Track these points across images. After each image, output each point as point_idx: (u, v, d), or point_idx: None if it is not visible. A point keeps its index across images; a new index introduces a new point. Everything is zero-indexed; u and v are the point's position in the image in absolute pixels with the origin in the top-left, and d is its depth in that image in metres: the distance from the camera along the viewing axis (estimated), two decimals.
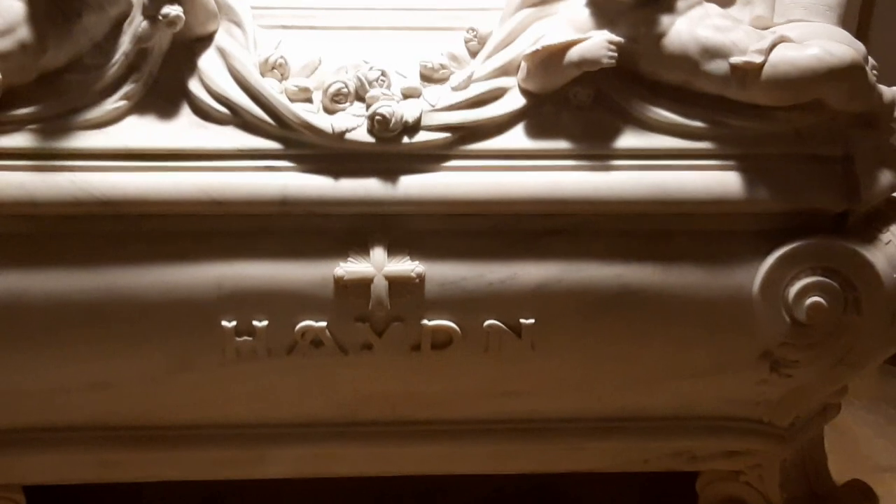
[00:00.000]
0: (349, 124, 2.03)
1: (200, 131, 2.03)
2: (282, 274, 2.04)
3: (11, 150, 1.98)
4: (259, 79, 2.03)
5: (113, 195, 1.99)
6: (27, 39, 1.96)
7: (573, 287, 2.07)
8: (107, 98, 2.01)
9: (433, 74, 2.09)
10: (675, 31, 2.04)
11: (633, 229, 2.08)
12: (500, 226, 2.07)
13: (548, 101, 2.07)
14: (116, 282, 2.02)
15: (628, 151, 2.06)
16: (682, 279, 2.08)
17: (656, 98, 2.07)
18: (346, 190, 2.03)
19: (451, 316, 2.07)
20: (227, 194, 2.01)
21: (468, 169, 2.05)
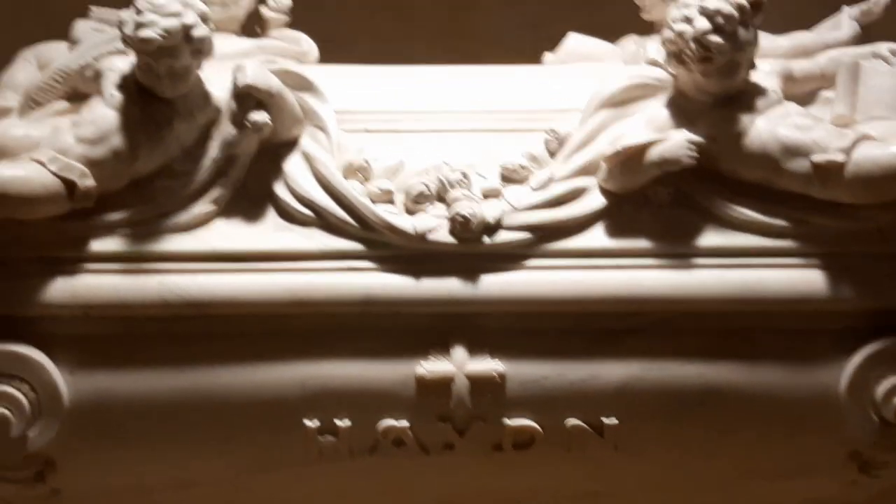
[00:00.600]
0: (431, 225, 2.06)
1: (285, 233, 2.07)
2: (364, 373, 2.05)
3: (104, 253, 2.03)
4: (342, 181, 2.07)
5: (200, 297, 2.03)
6: (120, 147, 2.02)
7: (655, 386, 2.06)
8: (195, 202, 2.07)
9: (513, 175, 2.11)
10: (755, 130, 2.05)
11: (715, 328, 2.06)
12: (581, 324, 2.07)
13: (628, 201, 2.09)
14: (202, 381, 2.05)
15: (709, 250, 2.06)
16: (765, 378, 2.06)
17: (737, 196, 2.07)
18: (427, 290, 2.05)
19: (533, 415, 2.07)
20: (311, 295, 2.04)
21: (549, 268, 2.06)
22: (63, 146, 2.01)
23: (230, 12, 2.41)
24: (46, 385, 2.02)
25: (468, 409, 2.05)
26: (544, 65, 2.49)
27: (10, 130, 2.07)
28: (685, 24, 2.01)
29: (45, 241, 2.03)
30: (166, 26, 1.97)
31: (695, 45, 2.00)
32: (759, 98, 2.07)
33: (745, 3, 2.01)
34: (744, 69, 2.05)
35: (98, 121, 2.03)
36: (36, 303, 2.02)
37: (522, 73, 2.37)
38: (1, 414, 2.00)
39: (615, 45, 2.47)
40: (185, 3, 2.01)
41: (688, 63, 2.02)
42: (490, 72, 2.35)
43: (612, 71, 2.21)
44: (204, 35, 2.01)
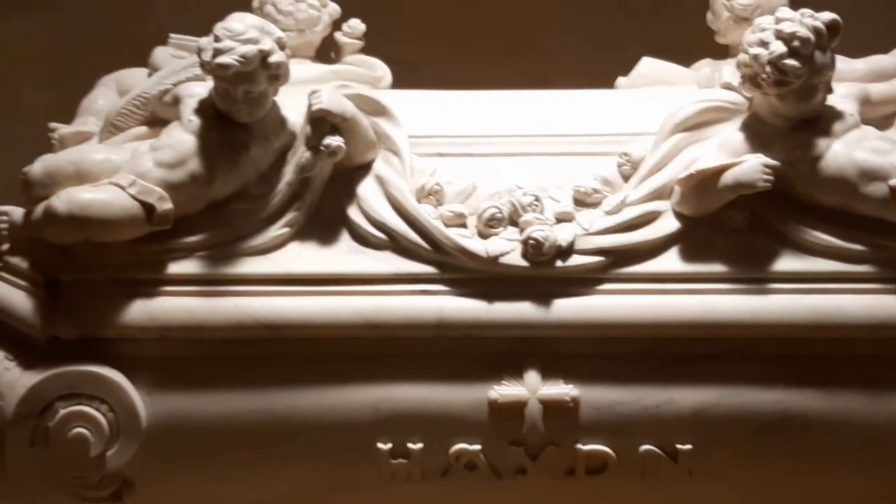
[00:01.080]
0: (503, 248, 2.06)
1: (359, 256, 2.09)
2: (437, 396, 2.06)
3: (180, 276, 2.07)
4: (415, 205, 2.09)
5: (275, 319, 2.05)
6: (197, 171, 2.05)
7: (731, 412, 2.04)
8: (270, 225, 2.09)
9: (586, 199, 2.11)
10: (832, 153, 2.03)
11: (792, 353, 2.04)
12: (655, 349, 2.06)
13: (702, 225, 2.07)
14: (277, 403, 2.06)
15: (785, 275, 2.04)
16: (843, 405, 2.04)
17: (813, 221, 2.05)
18: (500, 313, 2.05)
19: (607, 440, 2.06)
20: (384, 318, 2.05)
21: (622, 292, 2.05)
22: (142, 170, 2.05)
23: (306, 38, 2.44)
24: (125, 406, 2.05)
25: (541, 434, 2.04)
26: (617, 88, 2.48)
27: (91, 155, 2.11)
28: (761, 47, 1.99)
29: (123, 264, 2.07)
30: (244, 52, 2.00)
31: (770, 69, 1.98)
32: (835, 122, 2.05)
33: (822, 27, 1.99)
34: (820, 93, 2.03)
35: (176, 145, 2.06)
36: (115, 324, 2.05)
37: (595, 96, 2.36)
38: (80, 434, 2.04)
39: (689, 69, 2.46)
40: (263, 29, 2.04)
41: (763, 87, 2.01)
42: (562, 96, 2.35)
43: (687, 94, 2.19)
44: (280, 61, 2.04)
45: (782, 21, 2.00)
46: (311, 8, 2.43)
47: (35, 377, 2.06)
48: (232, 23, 2.03)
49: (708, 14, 2.49)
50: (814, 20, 2.00)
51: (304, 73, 2.29)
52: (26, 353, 2.10)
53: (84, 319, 2.06)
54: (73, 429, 2.04)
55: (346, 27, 2.48)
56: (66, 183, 2.04)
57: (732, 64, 2.15)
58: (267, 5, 2.41)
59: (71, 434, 2.04)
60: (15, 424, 2.06)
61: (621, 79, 2.50)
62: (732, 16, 2.42)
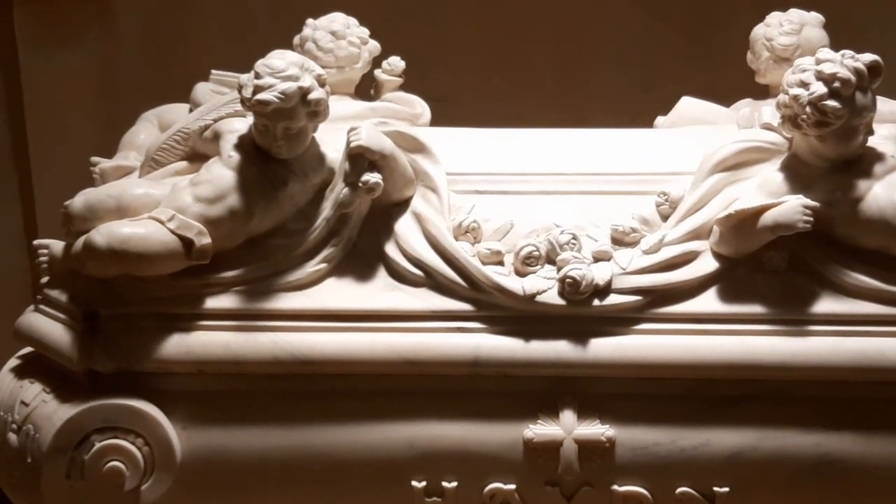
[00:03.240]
0: (540, 287, 2.06)
1: (395, 293, 2.09)
2: (472, 435, 2.05)
3: (218, 310, 2.07)
4: (452, 242, 2.08)
5: (311, 355, 2.05)
6: (236, 206, 2.06)
7: (770, 455, 2.01)
8: (308, 261, 2.09)
9: (624, 238, 2.10)
10: (872, 195, 2.01)
11: (832, 397, 2.02)
12: (692, 390, 2.04)
13: (741, 265, 2.06)
14: (312, 439, 2.06)
15: (826, 317, 2.02)
16: (884, 450, 2.01)
17: (854, 263, 2.03)
18: (536, 352, 2.04)
19: (643, 482, 2.04)
20: (420, 355, 2.05)
21: (660, 332, 2.04)
22: (181, 205, 2.06)
23: (345, 75, 2.46)
24: (160, 440, 2.06)
25: (576, 474, 2.03)
26: (656, 127, 2.48)
27: (132, 189, 2.13)
28: (801, 88, 1.98)
29: (161, 298, 2.08)
30: (283, 89, 2.01)
31: (811, 110, 1.97)
32: (876, 163, 2.03)
33: (863, 68, 1.98)
34: (861, 134, 2.01)
35: (216, 181, 2.08)
36: (152, 358, 2.06)
37: (634, 135, 2.36)
38: (115, 467, 2.05)
39: (729, 109, 2.45)
40: (303, 66, 2.05)
41: (804, 128, 2.00)
42: (601, 134, 2.35)
43: (726, 134, 2.18)
44: (320, 98, 2.05)
45: (823, 62, 1.99)
46: (351, 45, 2.44)
47: (72, 410, 2.07)
48: (272, 60, 2.05)
49: (748, 54, 2.49)
50: (855, 61, 1.99)
51: (343, 110, 2.31)
52: (63, 385, 2.12)
53: (121, 353, 2.07)
54: (108, 462, 2.05)
55: (385, 64, 2.50)
56: (107, 217, 2.06)
57: (772, 104, 2.13)
58: (308, 43, 2.43)
59: (106, 467, 2.05)
60: (51, 457, 2.06)
61: (660, 118, 2.50)
62: (773, 56, 2.42)
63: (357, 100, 2.48)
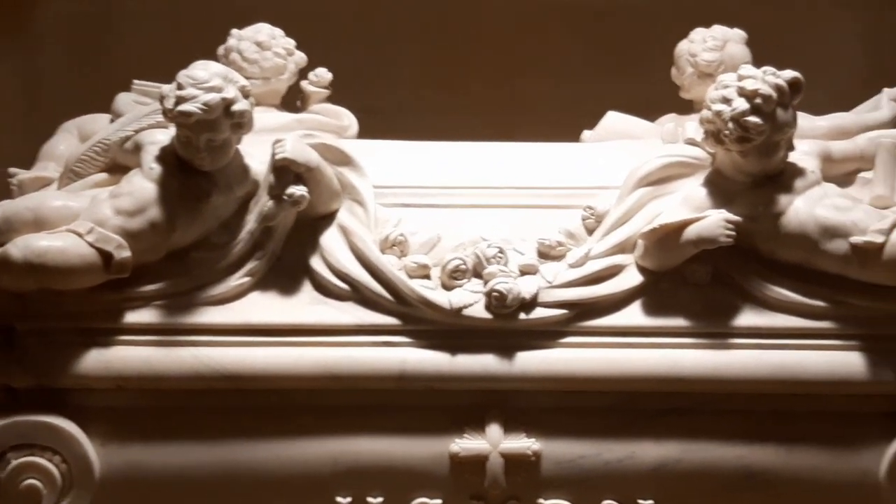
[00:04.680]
0: (467, 300, 2.05)
1: (321, 307, 2.07)
2: (398, 450, 2.04)
3: (138, 325, 2.04)
4: (379, 255, 2.07)
5: (234, 370, 2.02)
6: (158, 219, 2.03)
7: (693, 468, 2.03)
8: (231, 275, 2.07)
9: (550, 251, 2.10)
10: (793, 210, 2.04)
11: (754, 409, 2.04)
12: (617, 403, 2.05)
13: (665, 279, 2.07)
14: (234, 456, 2.04)
15: (748, 330, 2.04)
16: (806, 461, 2.03)
17: (775, 276, 2.06)
18: (463, 366, 2.04)
19: (568, 495, 2.04)
20: (346, 369, 2.03)
21: (585, 346, 2.05)
22: (101, 218, 2.03)
23: (271, 86, 2.44)
24: (78, 457, 2.02)
25: (502, 488, 2.03)
26: (583, 142, 2.49)
27: (50, 201, 2.09)
28: (724, 104, 2.01)
29: (80, 312, 2.04)
30: (206, 100, 1.99)
31: (733, 126, 1.99)
32: (797, 178, 2.06)
33: (784, 84, 2.01)
34: (782, 150, 2.04)
35: (137, 193, 2.05)
36: (70, 374, 2.03)
37: (561, 149, 2.37)
38: (32, 485, 2.01)
39: (654, 124, 2.47)
40: (226, 77, 2.03)
41: (726, 143, 2.02)
42: (528, 148, 2.36)
43: (651, 149, 2.20)
44: (244, 109, 2.03)
45: (745, 78, 2.01)
46: (276, 56, 2.42)
47: None
48: (195, 70, 2.02)
49: (673, 69, 2.51)
50: (776, 78, 2.01)
51: (268, 122, 2.29)
52: None
53: (38, 368, 2.03)
54: (25, 480, 2.01)
55: (312, 76, 2.48)
56: (24, 229, 2.03)
57: (696, 119, 2.15)
58: (232, 53, 2.41)
59: (23, 485, 2.01)
60: None
61: (587, 132, 2.51)
62: (696, 71, 2.44)
63: (283, 111, 2.46)
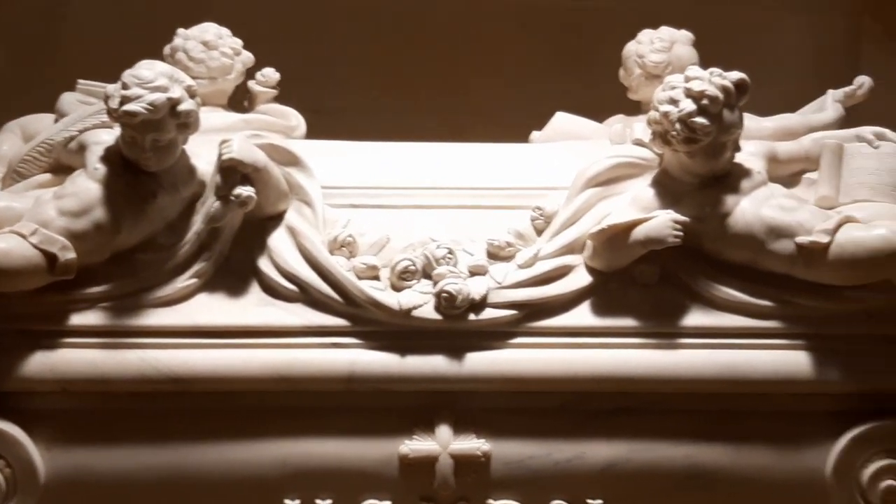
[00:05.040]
0: (416, 301, 2.05)
1: (269, 308, 2.06)
2: (347, 452, 2.03)
3: (83, 327, 2.02)
4: (327, 256, 2.06)
5: (181, 372, 2.01)
6: (103, 220, 2.01)
7: (642, 467, 2.04)
8: (178, 276, 2.06)
9: (500, 252, 2.10)
10: (740, 210, 2.05)
11: (702, 409, 2.05)
12: (567, 404, 2.05)
13: (614, 279, 2.08)
14: (182, 458, 2.02)
15: (696, 330, 2.06)
16: (753, 460, 2.05)
17: (723, 276, 2.07)
18: (412, 367, 2.04)
19: (518, 496, 2.04)
20: (294, 371, 2.02)
21: (535, 346, 2.05)
22: (45, 219, 2.00)
23: (218, 86, 2.42)
24: (22, 461, 1.99)
25: (452, 489, 2.03)
26: (531, 143, 2.50)
27: None
28: (671, 105, 2.02)
29: (23, 314, 2.02)
30: (152, 100, 1.97)
31: (680, 127, 2.00)
32: (744, 179, 2.07)
33: (730, 86, 2.02)
34: (729, 150, 2.05)
35: (81, 194, 2.02)
36: (13, 377, 2.00)
37: (510, 150, 2.37)
38: None
39: (602, 125, 2.48)
40: (172, 77, 2.01)
41: (673, 144, 2.03)
42: (477, 149, 2.36)
43: (599, 150, 2.21)
44: (190, 109, 2.01)
45: (692, 80, 2.02)
46: (223, 56, 2.41)
47: None
48: (140, 70, 2.00)
49: (621, 70, 2.53)
50: (722, 79, 2.03)
51: (215, 122, 2.27)
52: None
53: None
54: None
55: (259, 76, 2.47)
56: None
57: (644, 120, 2.17)
58: (178, 53, 2.39)
59: None
60: None
61: (536, 133, 2.52)
62: (644, 73, 2.46)
63: (230, 111, 2.44)
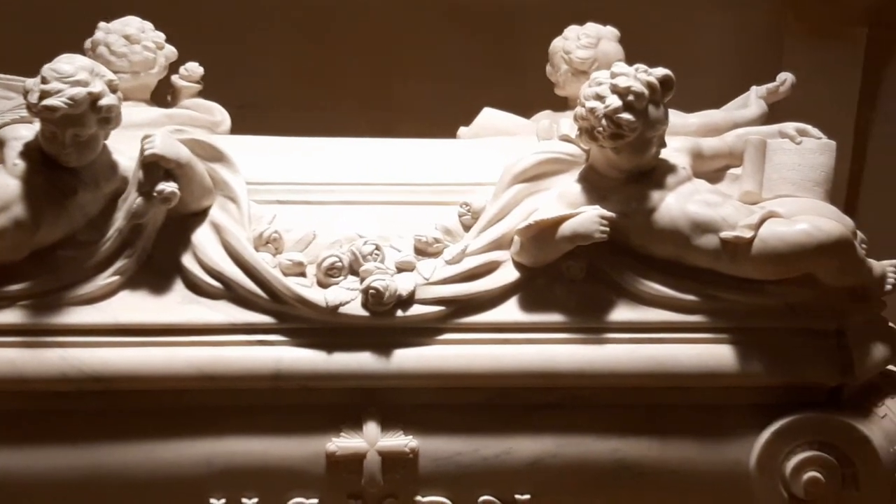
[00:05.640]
0: (343, 298, 2.03)
1: (193, 306, 2.04)
2: (273, 450, 2.01)
3: (2, 326, 1.98)
4: (253, 253, 2.04)
5: (103, 371, 1.97)
6: (21, 217, 1.97)
7: (569, 462, 2.05)
8: (99, 274, 2.02)
9: (427, 248, 2.10)
10: (665, 206, 2.07)
11: (628, 403, 2.07)
12: (494, 399, 2.05)
13: (541, 275, 2.09)
14: (105, 458, 1.99)
15: (621, 325, 2.07)
16: (678, 453, 2.06)
17: (649, 271, 2.08)
18: (339, 364, 2.02)
19: (446, 492, 2.04)
20: (219, 369, 2.00)
21: (462, 342, 2.05)
22: None
23: (140, 81, 2.39)
24: None
25: (380, 486, 2.02)
26: (459, 138, 2.50)
27: None
28: (597, 101, 2.03)
29: None
30: (72, 95, 1.93)
31: (606, 122, 2.01)
32: (669, 175, 2.09)
33: (655, 82, 2.03)
34: (654, 146, 2.07)
35: None
36: None
37: (437, 146, 2.37)
38: None
39: (529, 120, 2.48)
40: (93, 71, 1.98)
41: (600, 140, 2.04)
42: (404, 145, 2.35)
43: (526, 146, 2.21)
44: (111, 104, 1.98)
45: (618, 76, 2.03)
46: (146, 50, 2.38)
47: None
48: (60, 64, 1.96)
49: (548, 66, 2.53)
50: (648, 75, 2.04)
51: (137, 117, 2.25)
52: None
53: None
54: None
55: (183, 70, 2.44)
56: None
57: (571, 116, 2.17)
58: (100, 47, 2.35)
59: None
60: None
61: (463, 129, 2.52)
62: (571, 69, 2.47)
63: (153, 106, 2.42)
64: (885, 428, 2.08)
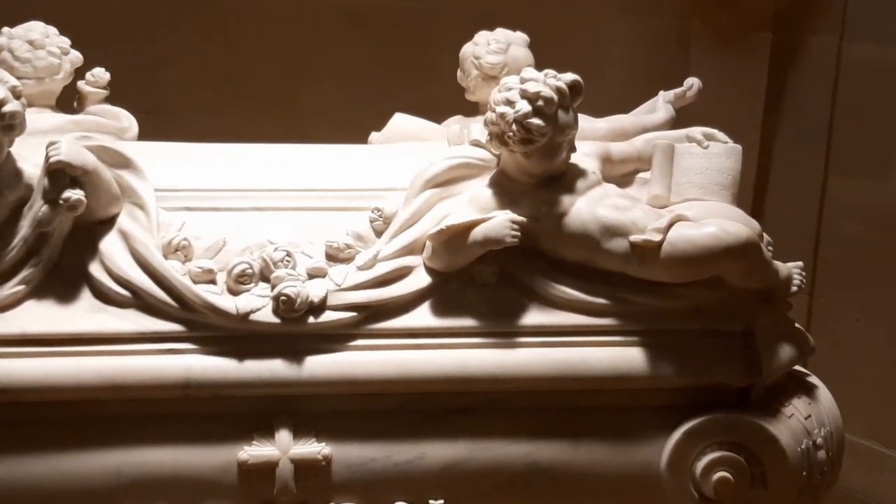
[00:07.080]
0: (254, 305, 2.02)
1: (101, 315, 2.00)
2: (184, 459, 1.99)
3: None
4: (161, 261, 2.02)
5: (8, 382, 1.94)
6: None
7: (482, 466, 2.05)
8: (4, 283, 1.98)
9: (339, 254, 2.09)
10: (575, 210, 2.08)
11: (540, 406, 2.08)
12: (407, 405, 2.05)
13: (453, 280, 2.09)
14: (11, 471, 1.95)
15: (533, 328, 2.08)
16: (590, 456, 2.08)
17: (559, 275, 2.10)
18: (250, 372, 2.00)
19: (359, 498, 2.04)
20: (128, 378, 1.97)
21: (374, 348, 2.05)
22: None
23: (45, 86, 2.35)
24: None
25: (293, 494, 2.01)
26: (370, 143, 2.49)
27: None
28: (507, 106, 2.04)
29: None
30: None
31: (516, 128, 2.02)
32: (579, 179, 2.11)
33: (564, 87, 2.05)
34: (564, 151, 2.08)
35: None
36: None
37: (348, 151, 2.36)
38: None
39: (440, 126, 2.49)
40: None
41: (510, 145, 2.05)
42: (315, 150, 2.34)
43: (437, 151, 2.22)
44: (15, 110, 1.94)
45: (527, 81, 2.05)
46: (51, 55, 2.34)
47: None
48: None
49: (458, 72, 2.54)
50: (557, 80, 2.05)
51: (42, 123, 2.21)
52: None
53: None
54: None
55: (89, 76, 2.41)
56: None
57: (481, 121, 2.18)
58: (3, 52, 2.31)
59: None
60: None
61: (374, 134, 2.52)
62: (481, 74, 2.48)
63: (58, 112, 2.38)
64: (792, 427, 2.12)
